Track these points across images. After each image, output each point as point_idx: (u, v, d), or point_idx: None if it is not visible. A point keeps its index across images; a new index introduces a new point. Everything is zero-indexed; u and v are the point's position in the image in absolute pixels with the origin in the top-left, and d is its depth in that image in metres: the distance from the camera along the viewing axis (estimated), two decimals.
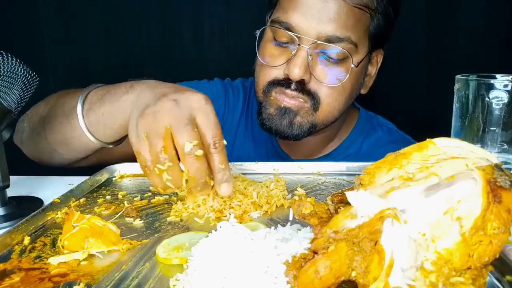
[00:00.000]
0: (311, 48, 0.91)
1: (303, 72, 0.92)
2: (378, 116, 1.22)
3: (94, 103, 0.85)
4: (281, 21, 0.93)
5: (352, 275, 0.45)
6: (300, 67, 0.91)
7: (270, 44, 0.98)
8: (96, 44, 1.83)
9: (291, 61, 0.93)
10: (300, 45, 0.91)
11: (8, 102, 0.73)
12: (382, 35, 1.00)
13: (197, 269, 0.51)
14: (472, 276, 0.43)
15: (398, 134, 1.17)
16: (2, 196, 0.77)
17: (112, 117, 0.81)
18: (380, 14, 0.96)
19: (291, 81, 0.94)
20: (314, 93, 0.95)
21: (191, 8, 1.75)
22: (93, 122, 0.84)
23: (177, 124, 0.64)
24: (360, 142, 1.14)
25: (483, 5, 1.62)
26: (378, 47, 1.03)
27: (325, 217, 0.59)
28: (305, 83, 0.94)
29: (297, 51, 0.92)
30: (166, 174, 0.65)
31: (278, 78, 0.96)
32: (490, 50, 1.64)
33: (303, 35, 0.91)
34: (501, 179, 0.45)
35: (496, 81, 0.69)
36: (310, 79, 0.94)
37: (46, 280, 0.54)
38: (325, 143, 1.14)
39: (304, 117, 0.97)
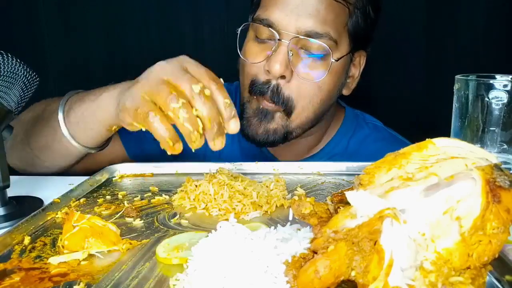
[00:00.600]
0: (291, 43, 0.91)
1: (283, 68, 0.91)
2: (365, 114, 1.21)
3: (74, 103, 0.86)
4: (262, 18, 0.94)
5: (351, 274, 0.45)
6: (281, 63, 0.91)
7: (251, 41, 0.99)
8: (96, 44, 1.83)
9: (272, 57, 0.92)
10: (281, 40, 0.91)
11: (8, 102, 0.73)
12: (363, 36, 1.00)
13: (197, 269, 0.51)
14: (472, 276, 0.43)
15: (385, 132, 1.17)
16: (2, 196, 0.77)
17: (92, 114, 0.81)
18: (359, 11, 0.96)
19: (269, 84, 0.93)
20: (289, 97, 0.95)
21: (191, 8, 1.75)
22: (73, 123, 0.85)
23: (175, 74, 0.63)
24: (346, 140, 1.14)
25: (483, 5, 1.62)
26: (360, 48, 1.03)
27: (325, 217, 0.59)
28: (283, 84, 0.94)
29: (278, 46, 0.92)
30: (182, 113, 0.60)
31: (258, 77, 0.96)
32: (490, 50, 1.64)
33: (283, 30, 0.91)
34: (500, 179, 0.45)
35: (495, 81, 0.69)
36: (291, 76, 0.94)
37: (46, 280, 0.54)
38: (312, 145, 1.14)
39: (278, 122, 0.97)
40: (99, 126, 0.82)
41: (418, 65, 1.71)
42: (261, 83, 0.95)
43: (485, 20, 1.63)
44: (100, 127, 0.83)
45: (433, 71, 1.69)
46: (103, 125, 0.82)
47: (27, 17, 1.82)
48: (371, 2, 0.98)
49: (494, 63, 1.62)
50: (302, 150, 1.13)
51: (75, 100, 0.87)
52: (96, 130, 0.84)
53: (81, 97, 0.86)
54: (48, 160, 0.94)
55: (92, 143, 0.88)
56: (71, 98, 0.88)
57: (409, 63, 1.69)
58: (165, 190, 0.84)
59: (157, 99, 0.62)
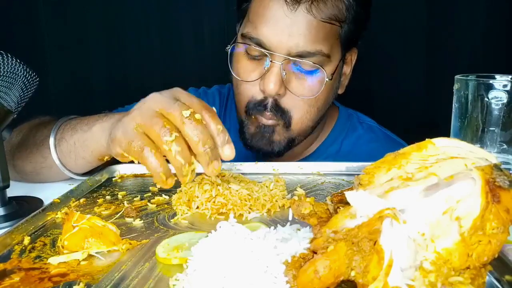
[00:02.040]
0: (283, 64, 0.92)
1: (278, 87, 0.92)
2: (359, 113, 1.21)
3: (66, 131, 0.85)
4: (252, 36, 0.93)
5: (351, 274, 0.45)
6: (275, 83, 0.92)
7: (243, 58, 0.98)
8: (96, 44, 1.83)
9: (265, 77, 0.93)
10: (273, 61, 0.92)
11: (8, 103, 0.73)
12: (354, 37, 1.00)
13: (197, 269, 0.51)
14: (471, 276, 0.43)
15: (380, 132, 1.17)
16: (2, 196, 0.77)
17: (83, 145, 0.81)
18: (351, 22, 0.95)
19: (267, 101, 0.95)
20: (286, 110, 0.96)
21: (191, 9, 1.75)
22: (65, 152, 0.85)
23: (167, 104, 0.64)
24: (340, 141, 1.14)
25: (483, 5, 1.62)
26: (351, 48, 1.03)
27: (325, 217, 0.59)
28: (280, 99, 0.95)
29: (270, 67, 0.92)
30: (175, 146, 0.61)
31: (255, 97, 0.97)
32: (490, 50, 1.64)
33: (274, 51, 0.91)
34: (500, 179, 0.45)
35: (495, 81, 0.69)
36: (285, 93, 0.95)
37: (46, 280, 0.54)
38: (305, 146, 1.13)
39: (280, 133, 0.99)
40: (90, 156, 0.83)
41: (418, 65, 1.71)
42: (258, 102, 0.97)
43: (485, 20, 1.63)
44: (92, 157, 0.83)
45: (433, 71, 1.69)
46: (94, 155, 0.82)
47: (27, 17, 1.82)
48: (360, 5, 0.96)
49: (494, 63, 1.62)
50: (297, 151, 1.13)
51: (67, 128, 0.86)
52: (87, 159, 0.84)
53: (73, 126, 0.85)
54: (36, 181, 0.94)
55: (81, 170, 0.89)
56: (63, 126, 0.87)
57: (409, 63, 1.69)
58: (165, 190, 0.84)
59: (150, 132, 0.63)
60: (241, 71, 0.99)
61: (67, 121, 0.88)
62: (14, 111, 0.75)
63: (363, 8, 0.97)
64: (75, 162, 0.85)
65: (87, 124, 0.82)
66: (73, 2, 1.82)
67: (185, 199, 0.75)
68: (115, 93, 1.77)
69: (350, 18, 0.95)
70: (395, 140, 1.15)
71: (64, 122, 0.88)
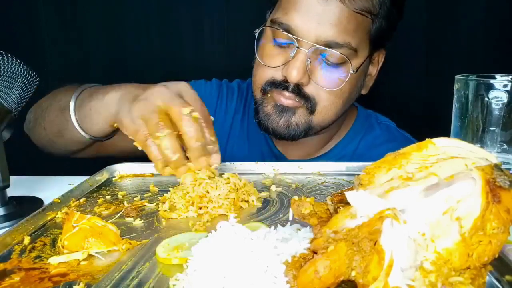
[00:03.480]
0: (310, 52, 0.91)
1: (301, 75, 0.92)
2: (378, 114, 1.21)
3: (84, 99, 0.91)
4: (281, 22, 0.93)
5: (351, 275, 0.45)
6: (299, 70, 0.91)
7: (269, 43, 0.98)
8: (96, 44, 1.83)
9: (290, 64, 0.92)
10: (299, 48, 0.91)
11: (8, 102, 0.73)
12: (385, 37, 1.00)
13: (197, 269, 0.51)
14: (471, 276, 0.43)
15: (397, 133, 1.16)
16: (2, 196, 0.77)
17: (97, 111, 0.87)
18: (383, 18, 0.95)
19: (289, 84, 0.94)
20: (311, 96, 0.95)
21: (191, 8, 1.75)
22: (82, 117, 0.91)
23: (170, 100, 0.73)
24: (357, 141, 1.13)
25: (483, 5, 1.62)
26: (379, 48, 1.02)
27: (325, 217, 0.59)
28: (303, 86, 0.94)
29: (296, 53, 0.92)
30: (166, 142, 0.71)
31: (275, 78, 0.96)
32: (490, 50, 1.64)
33: (302, 38, 0.90)
34: (500, 179, 0.45)
35: (495, 81, 0.69)
36: (308, 82, 0.94)
37: (46, 280, 0.54)
38: (322, 144, 1.13)
39: (301, 117, 0.97)
40: (102, 122, 0.88)
41: (418, 65, 1.70)
42: (278, 82, 0.96)
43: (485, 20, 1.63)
44: (104, 123, 0.87)
45: (433, 71, 1.69)
46: (105, 121, 0.86)
47: (27, 17, 1.82)
48: (395, 4, 0.96)
49: (494, 63, 1.62)
50: (311, 150, 1.13)
51: (87, 95, 0.91)
52: (100, 125, 0.89)
53: (91, 93, 0.90)
54: (62, 145, 1.01)
55: (98, 134, 0.92)
56: (84, 92, 0.93)
57: (409, 63, 1.68)
58: (165, 190, 0.84)
59: (148, 124, 0.73)
60: (265, 56, 0.98)
61: (87, 89, 0.94)
62: (14, 111, 0.75)
63: (395, 6, 0.97)
64: (91, 126, 0.91)
65: (103, 92, 0.87)
66: (73, 2, 1.82)
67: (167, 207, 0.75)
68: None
69: (382, 14, 0.94)
70: (412, 141, 1.13)
71: (85, 90, 0.94)
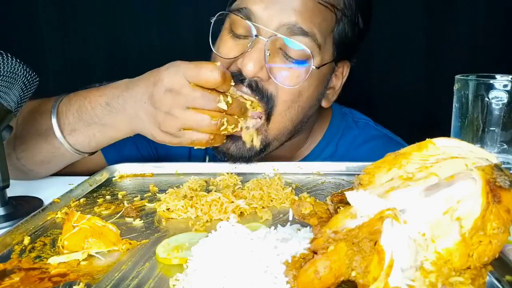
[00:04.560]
0: (270, 42, 0.82)
1: (258, 68, 0.81)
2: (354, 111, 1.14)
3: (74, 123, 0.86)
4: (240, 7, 0.84)
5: (352, 275, 0.45)
6: (255, 61, 0.81)
7: (226, 34, 0.89)
8: (96, 43, 1.83)
9: (246, 55, 0.82)
10: (258, 36, 0.82)
11: (8, 102, 0.73)
12: (349, 45, 0.93)
13: (197, 269, 0.51)
14: (472, 276, 0.43)
15: (376, 130, 1.11)
16: (2, 196, 0.77)
17: (107, 135, 0.86)
18: (347, 18, 0.89)
19: (244, 77, 0.83)
20: (270, 95, 0.85)
21: (191, 8, 1.75)
22: (83, 142, 0.87)
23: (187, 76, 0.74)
24: (335, 143, 1.07)
25: (482, 5, 1.62)
26: (344, 58, 0.95)
27: (325, 217, 0.59)
28: (261, 82, 0.84)
29: (254, 43, 0.82)
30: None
31: (230, 70, 0.84)
32: (490, 50, 1.64)
33: (263, 24, 0.82)
34: (500, 179, 0.45)
35: (495, 81, 0.69)
36: (267, 78, 0.84)
37: (46, 280, 0.54)
38: (295, 149, 1.06)
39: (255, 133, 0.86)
40: (113, 140, 0.88)
41: (418, 65, 1.71)
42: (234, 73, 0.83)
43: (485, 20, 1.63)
44: (119, 139, 0.87)
45: (433, 71, 1.69)
46: (123, 137, 0.87)
47: (27, 17, 1.82)
48: (361, 11, 0.91)
49: (494, 63, 1.62)
50: (286, 157, 1.04)
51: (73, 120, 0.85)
52: (110, 142, 0.89)
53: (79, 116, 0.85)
54: (42, 171, 0.95)
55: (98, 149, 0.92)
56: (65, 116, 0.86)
57: (409, 63, 1.69)
58: (165, 190, 0.84)
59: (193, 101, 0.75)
60: (221, 47, 0.89)
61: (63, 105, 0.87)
62: (14, 111, 0.75)
63: (361, 14, 0.92)
64: (96, 147, 0.89)
65: (96, 116, 0.84)
66: (73, 2, 1.82)
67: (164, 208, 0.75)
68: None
69: (347, 15, 0.89)
70: (392, 138, 1.10)
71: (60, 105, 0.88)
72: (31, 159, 0.91)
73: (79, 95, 0.88)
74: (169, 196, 0.77)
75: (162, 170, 0.96)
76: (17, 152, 0.91)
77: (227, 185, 0.85)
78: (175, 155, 1.10)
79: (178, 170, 0.96)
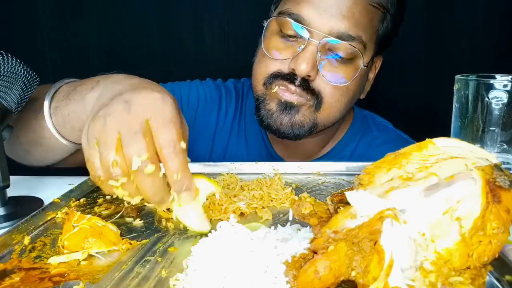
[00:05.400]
0: (321, 44, 0.88)
1: (310, 68, 0.89)
2: (374, 115, 1.20)
3: (60, 101, 0.79)
4: (291, 12, 0.90)
5: (351, 275, 0.45)
6: (308, 62, 0.88)
7: (275, 37, 0.94)
8: (96, 44, 1.83)
9: (299, 55, 0.89)
10: (310, 39, 0.88)
11: (8, 102, 0.73)
12: (388, 40, 1.00)
13: (197, 269, 0.51)
14: (471, 276, 0.43)
15: (395, 133, 1.15)
16: (2, 196, 0.77)
17: (77, 117, 0.75)
18: (391, 16, 0.95)
19: (296, 77, 0.91)
20: (318, 91, 0.92)
21: (191, 8, 1.75)
22: (61, 123, 0.79)
23: (126, 132, 0.56)
24: (355, 142, 1.12)
25: (482, 5, 1.62)
26: (380, 52, 1.01)
27: (325, 217, 0.59)
28: (310, 80, 0.91)
29: (307, 45, 0.89)
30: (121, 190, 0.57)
31: (282, 71, 0.93)
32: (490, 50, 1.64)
33: (314, 28, 0.88)
34: (500, 179, 0.45)
35: (495, 81, 0.69)
36: (316, 76, 0.91)
37: (46, 280, 0.54)
38: (320, 146, 1.12)
39: (306, 115, 0.94)
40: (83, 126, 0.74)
41: (418, 65, 1.71)
42: (284, 74, 0.92)
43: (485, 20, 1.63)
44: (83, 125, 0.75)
45: (433, 71, 1.69)
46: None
47: (27, 17, 1.82)
48: (401, 7, 0.96)
49: (494, 63, 1.62)
50: (309, 152, 1.11)
51: (61, 97, 0.79)
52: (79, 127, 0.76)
53: (67, 94, 0.78)
54: (39, 154, 0.88)
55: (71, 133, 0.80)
56: (58, 93, 0.80)
57: (409, 63, 1.68)
58: None
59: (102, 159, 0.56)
60: (271, 48, 0.94)
61: (62, 87, 0.81)
62: (14, 111, 0.75)
63: (400, 10, 0.96)
64: (72, 133, 0.79)
65: (80, 92, 0.74)
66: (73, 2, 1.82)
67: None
68: None
69: (391, 12, 0.94)
70: (411, 142, 1.11)
71: (61, 88, 0.81)
72: (26, 137, 0.86)
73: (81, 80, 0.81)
74: None
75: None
76: (17, 130, 0.85)
77: (227, 185, 0.85)
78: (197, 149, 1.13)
79: None
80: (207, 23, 1.76)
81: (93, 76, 0.78)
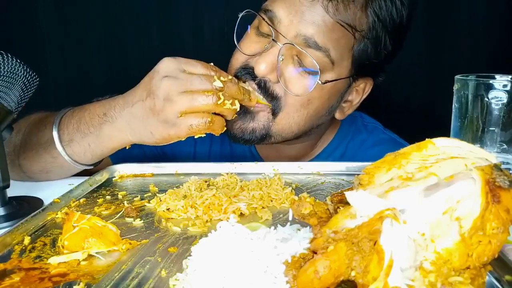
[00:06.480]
0: (285, 48, 0.85)
1: (268, 70, 0.85)
2: (363, 114, 1.17)
3: (73, 133, 0.87)
4: (267, 9, 0.88)
5: (351, 275, 0.45)
6: (268, 64, 0.85)
7: (252, 30, 0.93)
8: (96, 44, 1.83)
9: (262, 55, 0.87)
10: (275, 41, 0.86)
11: (8, 103, 0.73)
12: (371, 64, 0.93)
13: (197, 269, 0.51)
14: (471, 276, 0.43)
15: (384, 134, 1.13)
16: (2, 196, 0.77)
17: (101, 145, 0.86)
18: (369, 40, 0.89)
19: (256, 77, 0.88)
20: (277, 96, 0.88)
21: (191, 8, 1.75)
22: (78, 153, 0.88)
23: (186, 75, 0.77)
24: (344, 145, 1.10)
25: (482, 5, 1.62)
26: (366, 75, 0.96)
27: (325, 217, 0.59)
28: (271, 83, 0.87)
29: (270, 46, 0.86)
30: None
31: (248, 64, 0.90)
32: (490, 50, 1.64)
33: (282, 31, 0.85)
34: (500, 179, 0.45)
35: (495, 81, 0.69)
36: (276, 81, 0.87)
37: (46, 280, 0.54)
38: (307, 150, 1.09)
39: (260, 122, 0.90)
40: (111, 151, 0.88)
41: (418, 65, 1.71)
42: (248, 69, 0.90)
43: (485, 20, 1.63)
44: (112, 151, 0.88)
45: (433, 71, 1.69)
46: (115, 149, 0.87)
47: (27, 17, 1.82)
48: (390, 34, 0.91)
49: (494, 63, 1.62)
50: (295, 155, 1.08)
51: (72, 130, 0.87)
52: (107, 153, 0.89)
53: (77, 126, 0.87)
54: (43, 178, 0.96)
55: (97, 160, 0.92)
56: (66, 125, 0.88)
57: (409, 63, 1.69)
58: (165, 190, 0.84)
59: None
60: (243, 42, 0.94)
61: (66, 117, 0.89)
62: (14, 111, 0.75)
63: (389, 34, 0.91)
64: (92, 158, 0.89)
65: (92, 126, 0.85)
66: (73, 2, 1.82)
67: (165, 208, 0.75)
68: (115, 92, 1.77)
69: (370, 36, 0.88)
70: (400, 142, 1.11)
71: (63, 118, 0.89)
72: (31, 167, 0.93)
73: (82, 108, 0.90)
74: (169, 196, 0.77)
75: (162, 170, 0.96)
76: (20, 159, 0.93)
77: (227, 185, 0.85)
78: (180, 152, 1.12)
79: (178, 170, 0.96)
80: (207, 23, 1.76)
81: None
